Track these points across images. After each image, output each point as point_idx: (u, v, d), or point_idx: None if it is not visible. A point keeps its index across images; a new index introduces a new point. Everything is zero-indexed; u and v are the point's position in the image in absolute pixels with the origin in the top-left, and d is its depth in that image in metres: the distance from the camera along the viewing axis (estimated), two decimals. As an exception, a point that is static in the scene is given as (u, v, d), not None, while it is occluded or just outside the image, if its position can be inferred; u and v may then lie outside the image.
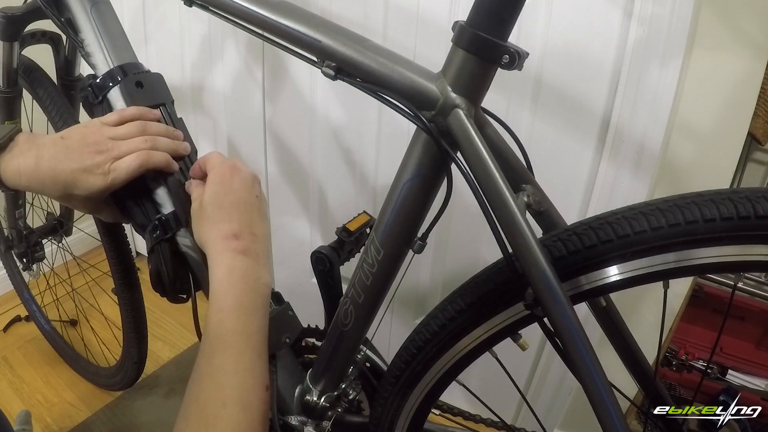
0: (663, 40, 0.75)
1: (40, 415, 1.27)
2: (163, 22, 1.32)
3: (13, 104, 1.02)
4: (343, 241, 0.73)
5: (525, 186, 0.55)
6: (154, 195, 0.72)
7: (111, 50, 0.74)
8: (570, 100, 0.87)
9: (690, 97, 0.82)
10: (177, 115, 0.75)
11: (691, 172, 0.87)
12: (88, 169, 0.58)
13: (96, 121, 0.63)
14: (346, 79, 0.54)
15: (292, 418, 0.76)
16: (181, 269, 0.73)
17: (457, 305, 0.53)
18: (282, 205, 1.34)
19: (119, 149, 0.60)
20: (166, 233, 0.71)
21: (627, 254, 0.45)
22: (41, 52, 0.97)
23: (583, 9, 0.80)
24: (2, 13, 0.86)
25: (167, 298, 0.75)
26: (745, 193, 0.42)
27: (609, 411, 0.47)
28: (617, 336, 0.63)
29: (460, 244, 1.09)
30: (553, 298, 0.46)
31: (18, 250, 1.25)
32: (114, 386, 1.28)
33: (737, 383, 1.26)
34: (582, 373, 0.48)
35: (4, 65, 0.93)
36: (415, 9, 0.94)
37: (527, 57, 0.48)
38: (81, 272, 1.44)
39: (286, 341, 0.73)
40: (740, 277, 1.30)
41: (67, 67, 0.99)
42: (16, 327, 1.53)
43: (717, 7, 0.76)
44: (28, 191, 0.67)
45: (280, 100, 1.20)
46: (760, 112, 0.99)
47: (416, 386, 0.60)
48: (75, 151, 0.58)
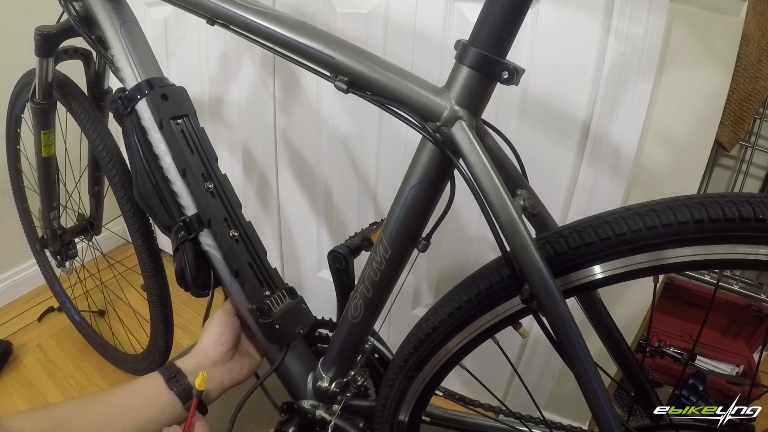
0: (638, 55, 0.75)
1: (71, 397, 1.26)
2: (183, 39, 1.31)
3: (48, 115, 1.01)
4: (357, 244, 0.73)
5: (520, 191, 0.55)
6: (178, 198, 0.72)
7: (138, 65, 0.73)
8: (553, 109, 0.86)
9: (663, 107, 0.81)
10: (199, 126, 0.74)
11: (663, 176, 0.86)
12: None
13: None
14: (357, 92, 0.53)
15: (305, 402, 0.76)
16: (202, 267, 0.73)
17: (465, 295, 0.53)
18: (292, 208, 1.33)
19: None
20: (190, 233, 0.70)
21: (616, 253, 0.45)
22: (73, 67, 0.96)
23: (565, 26, 0.80)
24: (38, 31, 0.86)
25: (190, 293, 0.74)
26: (715, 198, 0.42)
27: (597, 393, 0.47)
28: (603, 327, 0.63)
29: (453, 242, 1.09)
30: (547, 293, 0.46)
31: (53, 249, 1.24)
32: (141, 372, 1.27)
33: (705, 368, 1.26)
34: (573, 361, 0.47)
35: (40, 79, 0.92)
36: (412, 26, 0.93)
37: (524, 73, 0.48)
38: (109, 267, 1.43)
39: (300, 332, 0.73)
40: (721, 274, 1.31)
41: (97, 81, 0.98)
42: (49, 317, 1.52)
43: (688, 26, 0.76)
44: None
45: (290, 111, 1.19)
46: (726, 121, 1.00)
47: (422, 369, 0.59)
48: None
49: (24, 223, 1.36)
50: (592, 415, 0.48)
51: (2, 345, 1.34)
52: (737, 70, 0.87)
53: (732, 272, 1.34)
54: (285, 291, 0.74)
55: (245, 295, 0.71)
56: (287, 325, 0.71)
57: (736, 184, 1.30)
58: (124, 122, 0.73)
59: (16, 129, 1.15)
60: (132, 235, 0.92)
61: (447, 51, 0.91)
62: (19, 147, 1.20)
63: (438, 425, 0.73)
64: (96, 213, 1.23)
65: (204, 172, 0.71)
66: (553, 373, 1.09)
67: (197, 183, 0.70)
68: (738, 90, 0.94)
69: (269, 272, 0.73)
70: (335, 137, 1.14)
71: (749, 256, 0.41)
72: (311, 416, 0.75)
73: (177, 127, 0.71)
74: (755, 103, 0.96)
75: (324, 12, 1.02)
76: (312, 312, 0.76)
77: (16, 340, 1.41)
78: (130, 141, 0.72)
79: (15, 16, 1.32)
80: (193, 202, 0.70)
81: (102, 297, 1.52)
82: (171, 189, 0.71)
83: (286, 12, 0.59)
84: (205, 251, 0.72)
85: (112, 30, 0.74)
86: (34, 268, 1.54)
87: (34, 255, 1.44)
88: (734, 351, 1.30)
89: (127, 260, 1.65)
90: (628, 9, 0.73)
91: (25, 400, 1.24)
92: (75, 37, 0.86)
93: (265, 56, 1.16)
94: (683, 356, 1.27)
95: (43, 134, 1.03)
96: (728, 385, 1.19)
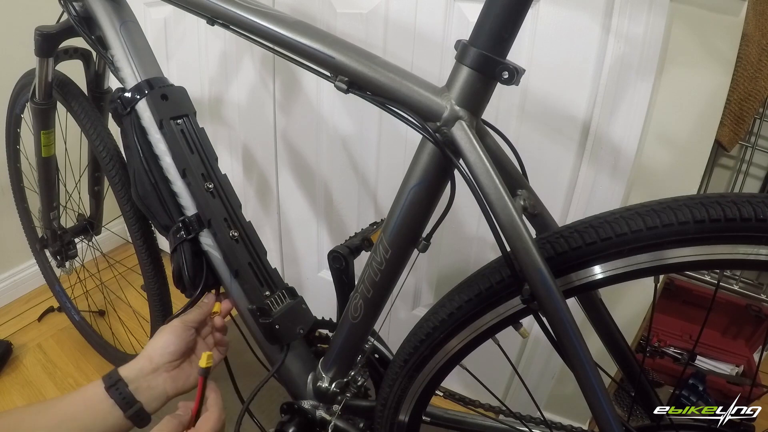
0: (638, 55, 0.75)
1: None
2: (183, 39, 1.31)
3: (48, 115, 1.01)
4: (358, 244, 0.73)
5: (520, 191, 0.55)
6: (178, 198, 0.71)
7: (138, 65, 0.73)
8: (553, 109, 0.86)
9: (663, 107, 0.81)
10: (199, 126, 0.74)
11: (663, 176, 0.86)
12: None
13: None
14: (357, 92, 0.53)
15: (305, 402, 0.76)
16: (200, 268, 0.73)
17: (465, 295, 0.53)
18: (292, 208, 1.33)
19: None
20: (189, 234, 0.70)
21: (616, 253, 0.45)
22: (73, 67, 0.96)
23: (565, 26, 0.80)
24: (38, 31, 0.85)
25: (185, 294, 0.74)
26: (716, 198, 0.42)
27: (597, 393, 0.47)
28: (604, 327, 0.63)
29: (453, 243, 1.09)
30: (548, 294, 0.46)
31: (53, 249, 1.24)
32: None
33: (705, 368, 1.26)
34: (574, 361, 0.47)
35: (40, 79, 0.92)
36: (412, 26, 0.93)
37: (524, 73, 0.48)
38: (109, 267, 1.43)
39: (300, 332, 0.73)
40: (722, 274, 1.31)
41: (96, 81, 0.98)
42: (49, 317, 1.52)
43: (688, 26, 0.75)
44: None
45: (290, 111, 1.19)
46: (726, 121, 1.00)
47: (423, 369, 0.59)
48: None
49: (24, 223, 1.36)
50: (593, 415, 0.48)
51: (2, 345, 1.34)
52: (737, 70, 0.87)
53: (732, 272, 1.34)
54: (285, 291, 0.74)
55: (245, 295, 0.71)
56: (287, 325, 0.71)
57: (736, 184, 1.30)
58: (123, 122, 0.72)
59: (16, 129, 1.15)
60: (132, 235, 0.92)
61: (447, 51, 0.91)
62: (19, 147, 1.19)
63: (438, 425, 0.73)
64: (96, 213, 1.23)
65: (204, 172, 0.71)
66: (553, 373, 1.09)
67: (197, 183, 0.69)
68: (738, 90, 0.94)
69: (269, 272, 0.73)
70: (335, 137, 1.14)
71: (750, 256, 0.41)
72: (311, 416, 0.75)
73: (177, 127, 0.71)
74: (755, 103, 0.96)
75: (324, 12, 1.02)
76: (312, 312, 0.76)
77: (16, 340, 1.41)
78: (129, 141, 0.72)
79: (15, 16, 1.32)
80: (193, 202, 0.70)
81: (102, 297, 1.52)
82: (171, 189, 0.71)
83: (286, 12, 0.59)
84: (205, 251, 0.72)
85: (112, 30, 0.74)
86: (34, 268, 1.54)
87: (34, 255, 1.43)
88: (734, 351, 1.30)
89: (127, 260, 1.65)
90: (628, 9, 0.73)
91: (25, 400, 1.24)
92: (75, 37, 0.86)
93: (265, 56, 1.15)
94: (683, 356, 1.27)
95: (43, 134, 1.03)
96: (728, 385, 1.19)
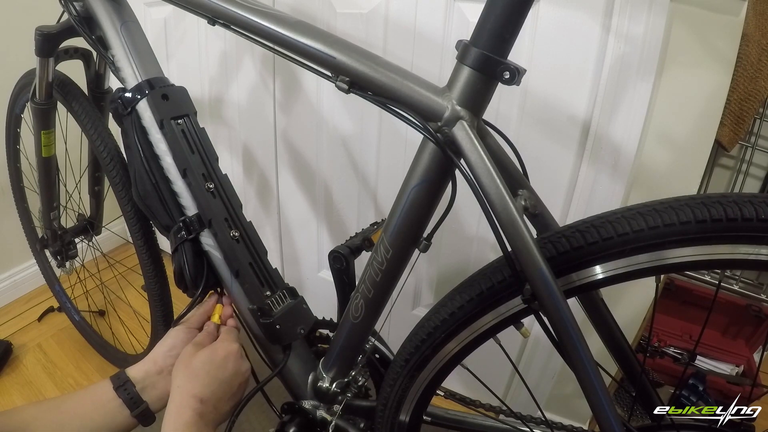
0: (638, 55, 0.75)
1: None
2: (184, 39, 1.31)
3: (49, 115, 1.01)
4: (358, 244, 0.73)
5: (521, 191, 0.55)
6: (178, 198, 0.71)
7: (139, 65, 0.73)
8: (553, 109, 0.86)
9: (663, 107, 0.81)
10: (199, 125, 0.74)
11: (664, 176, 0.86)
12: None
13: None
14: (358, 92, 0.53)
15: (306, 402, 0.76)
16: (201, 268, 0.73)
17: (467, 295, 0.53)
18: (292, 208, 1.33)
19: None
20: (190, 234, 0.70)
21: (618, 253, 0.45)
22: (73, 67, 0.96)
23: (565, 26, 0.80)
24: (39, 31, 0.85)
25: (187, 294, 0.74)
26: (717, 198, 0.42)
27: (597, 393, 0.47)
28: (604, 327, 0.63)
29: (454, 242, 1.09)
30: (549, 293, 0.46)
31: (53, 249, 1.24)
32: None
33: (705, 368, 1.26)
34: (574, 360, 0.47)
35: (41, 79, 0.92)
36: (413, 26, 0.93)
37: (525, 73, 0.48)
38: (109, 267, 1.43)
39: (301, 332, 0.73)
40: (723, 274, 1.31)
41: (97, 81, 0.98)
42: (49, 317, 1.52)
43: (688, 26, 0.75)
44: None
45: (290, 111, 1.19)
46: (726, 121, 1.00)
47: (424, 369, 0.59)
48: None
49: (24, 223, 1.36)
50: (593, 414, 0.48)
51: (2, 345, 1.34)
52: (737, 70, 0.87)
53: (732, 272, 1.34)
54: (286, 291, 0.74)
55: (246, 295, 0.71)
56: (288, 325, 0.71)
57: (736, 184, 1.30)
58: (124, 122, 0.72)
59: (16, 129, 1.15)
60: (132, 235, 0.92)
61: (447, 51, 0.91)
62: (19, 147, 1.19)
63: (439, 425, 0.73)
64: (96, 213, 1.23)
65: (205, 172, 0.71)
66: (554, 372, 1.09)
67: (198, 183, 0.69)
68: (738, 90, 0.94)
69: (270, 272, 0.73)
70: (335, 137, 1.14)
71: (750, 256, 0.41)
72: (312, 416, 0.75)
73: (178, 127, 0.71)
74: (755, 103, 0.96)
75: (324, 12, 1.02)
76: (312, 312, 0.76)
77: (16, 340, 1.41)
78: (130, 141, 0.72)
79: (15, 16, 1.32)
80: (194, 202, 0.70)
81: (102, 297, 1.52)
82: (171, 189, 0.71)
83: (286, 12, 0.59)
84: (206, 251, 0.72)
85: (113, 30, 0.74)
86: (34, 268, 1.54)
87: (34, 255, 1.43)
88: (734, 351, 1.30)
89: (127, 260, 1.65)
90: (628, 9, 0.73)
91: (25, 400, 1.24)
92: (75, 37, 0.86)
93: (266, 56, 1.15)
94: (683, 356, 1.27)
95: (43, 134, 1.03)
96: (728, 385, 1.19)
